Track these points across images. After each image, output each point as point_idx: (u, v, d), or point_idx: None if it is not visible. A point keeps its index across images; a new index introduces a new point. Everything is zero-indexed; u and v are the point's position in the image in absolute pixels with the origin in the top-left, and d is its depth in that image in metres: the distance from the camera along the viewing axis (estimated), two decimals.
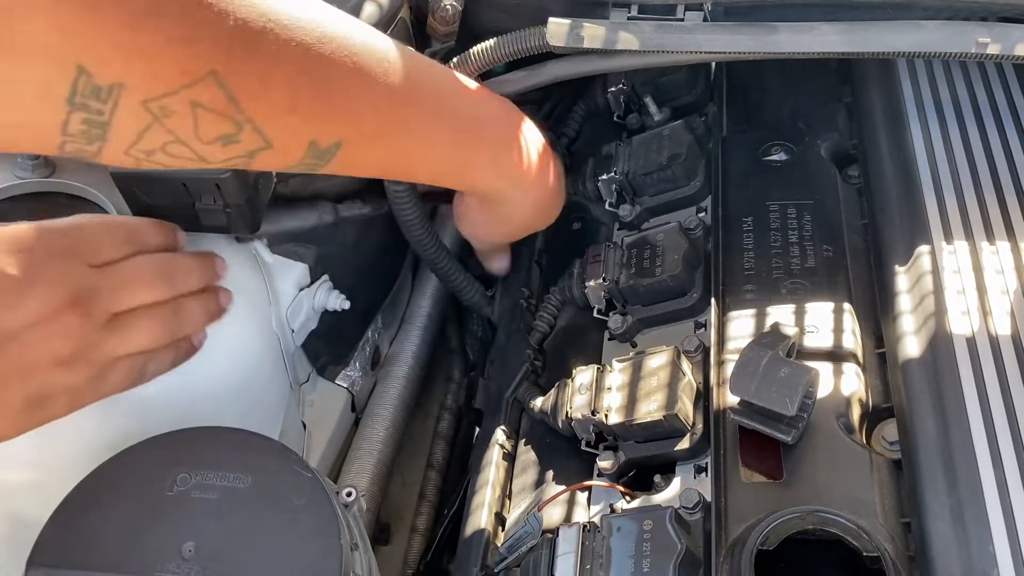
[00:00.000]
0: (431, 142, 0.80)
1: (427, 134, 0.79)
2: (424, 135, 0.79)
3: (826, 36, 0.80)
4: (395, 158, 0.79)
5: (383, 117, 0.73)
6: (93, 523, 0.69)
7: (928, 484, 0.69)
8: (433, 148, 0.81)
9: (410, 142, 0.78)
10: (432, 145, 0.81)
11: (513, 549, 0.84)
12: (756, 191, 0.96)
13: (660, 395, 0.82)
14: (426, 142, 0.80)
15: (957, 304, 0.77)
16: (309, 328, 1.04)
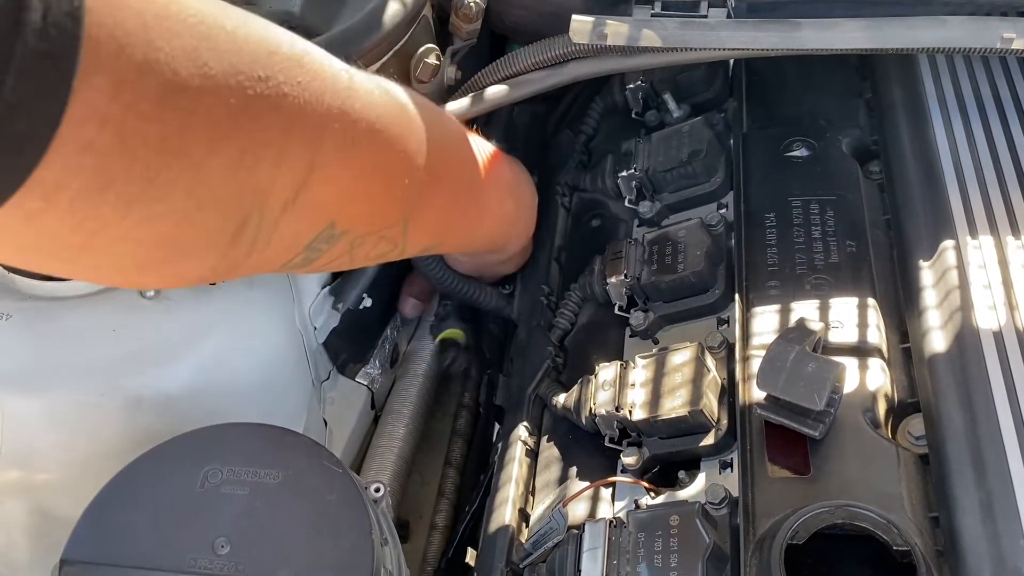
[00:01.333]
0: (470, 223, 0.93)
1: (469, 219, 0.92)
2: (467, 222, 0.92)
3: (850, 32, 0.80)
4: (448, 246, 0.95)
5: (465, 218, 0.89)
6: (125, 519, 0.70)
7: (957, 478, 0.69)
8: (472, 227, 0.94)
9: (460, 230, 0.91)
10: (470, 224, 0.93)
11: (538, 545, 0.85)
12: (778, 187, 0.96)
13: (685, 391, 0.82)
14: (466, 224, 0.92)
15: (983, 299, 0.77)
16: (331, 326, 1.04)
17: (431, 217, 0.78)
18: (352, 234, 0.68)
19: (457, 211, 0.86)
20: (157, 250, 0.53)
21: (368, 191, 0.66)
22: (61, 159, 0.43)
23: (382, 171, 0.67)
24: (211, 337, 0.88)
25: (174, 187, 0.49)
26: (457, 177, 0.83)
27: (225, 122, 0.50)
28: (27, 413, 0.82)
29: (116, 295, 0.87)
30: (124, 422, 0.83)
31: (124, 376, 0.83)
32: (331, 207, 0.63)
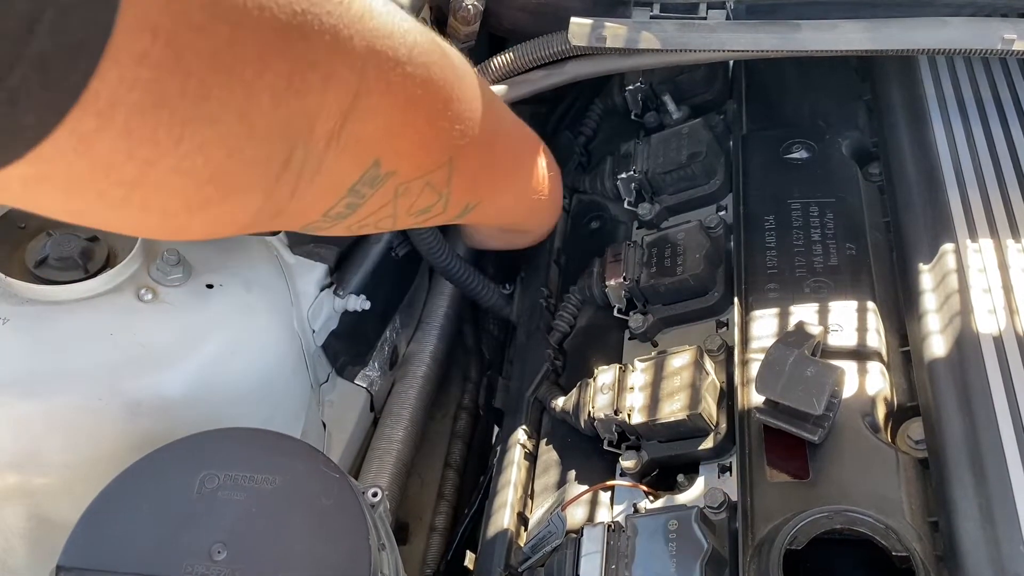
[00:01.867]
0: (507, 189, 0.92)
1: (509, 183, 0.91)
2: (507, 185, 0.91)
3: (850, 34, 0.79)
4: (490, 211, 0.90)
5: (505, 180, 0.88)
6: (122, 525, 0.70)
7: (956, 483, 0.69)
8: (506, 192, 0.92)
9: (499, 194, 0.90)
10: (506, 190, 0.92)
11: (537, 549, 0.84)
12: (777, 189, 0.95)
13: (683, 394, 0.82)
14: (504, 190, 0.91)
15: (983, 302, 0.77)
16: (329, 328, 1.04)
17: (473, 167, 0.77)
18: (397, 178, 0.67)
19: (498, 169, 0.86)
20: (207, 186, 0.53)
21: (412, 125, 0.65)
22: (116, 70, 0.43)
23: (425, 105, 0.66)
24: (209, 341, 0.88)
25: (226, 108, 0.49)
26: (496, 130, 0.82)
27: (273, 38, 0.50)
28: (25, 417, 0.81)
29: (114, 299, 0.87)
30: (122, 426, 0.83)
31: (122, 380, 0.83)
32: (375, 143, 0.63)
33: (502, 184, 0.90)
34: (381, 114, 0.62)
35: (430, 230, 1.05)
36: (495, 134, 0.82)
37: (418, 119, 0.66)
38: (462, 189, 0.77)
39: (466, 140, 0.72)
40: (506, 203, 0.94)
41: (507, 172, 0.90)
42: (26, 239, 0.90)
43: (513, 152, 0.90)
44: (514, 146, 0.91)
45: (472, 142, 0.73)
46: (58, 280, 0.87)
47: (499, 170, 0.87)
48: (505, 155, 0.88)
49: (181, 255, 0.89)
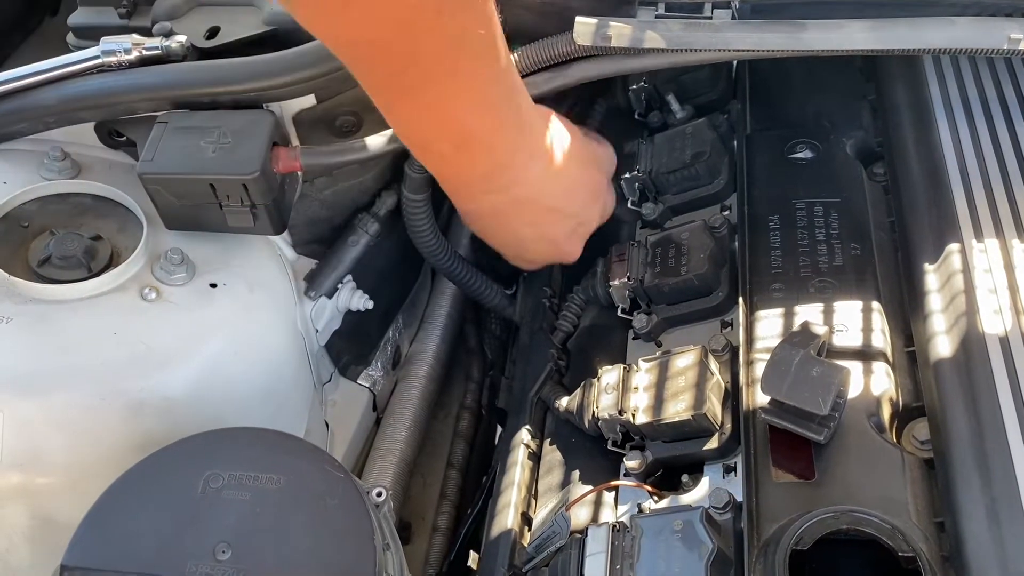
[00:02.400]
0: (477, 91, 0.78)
1: (476, 85, 0.77)
2: (472, 85, 0.77)
3: (856, 34, 0.79)
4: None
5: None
6: (126, 524, 0.70)
7: (962, 483, 0.69)
8: (479, 99, 0.79)
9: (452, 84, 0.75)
10: (478, 94, 0.78)
11: (541, 549, 0.84)
12: (782, 189, 0.95)
13: (688, 395, 0.81)
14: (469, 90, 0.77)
15: (989, 303, 0.77)
16: (333, 328, 1.04)
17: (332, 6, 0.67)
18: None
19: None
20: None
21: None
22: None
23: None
24: (213, 340, 0.88)
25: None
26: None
27: None
28: (28, 417, 0.81)
29: (118, 298, 0.87)
30: (125, 426, 0.83)
31: (125, 380, 0.83)
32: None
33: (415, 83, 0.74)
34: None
35: (431, 231, 1.05)
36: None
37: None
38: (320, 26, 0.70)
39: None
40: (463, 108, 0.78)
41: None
42: (29, 238, 0.90)
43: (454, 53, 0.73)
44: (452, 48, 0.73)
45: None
46: (61, 279, 0.87)
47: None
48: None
49: (185, 254, 0.89)
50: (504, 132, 0.84)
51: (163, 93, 0.91)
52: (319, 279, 1.01)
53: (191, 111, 0.91)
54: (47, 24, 1.43)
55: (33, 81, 0.92)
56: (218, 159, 0.86)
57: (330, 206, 1.00)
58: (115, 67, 0.92)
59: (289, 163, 0.89)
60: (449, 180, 0.91)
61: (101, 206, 0.94)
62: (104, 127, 0.98)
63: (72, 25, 1.06)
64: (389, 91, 0.77)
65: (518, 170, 0.88)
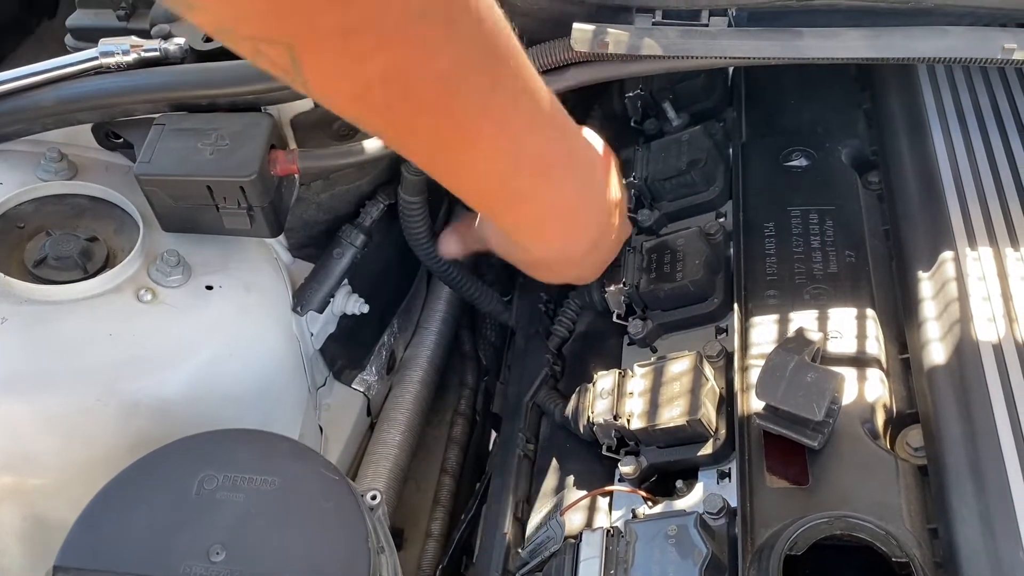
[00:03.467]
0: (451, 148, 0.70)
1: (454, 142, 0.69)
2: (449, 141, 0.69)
3: (851, 42, 0.80)
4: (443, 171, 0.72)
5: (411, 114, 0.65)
6: (119, 525, 0.69)
7: (956, 490, 0.69)
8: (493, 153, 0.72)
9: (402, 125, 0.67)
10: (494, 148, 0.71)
11: (535, 554, 0.84)
12: (777, 196, 0.96)
13: (683, 400, 0.82)
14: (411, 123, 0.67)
15: (982, 311, 0.77)
16: (328, 332, 1.04)
17: (331, 64, 0.59)
18: (207, 16, 0.57)
19: (398, 87, 0.61)
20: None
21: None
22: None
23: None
24: (208, 343, 0.88)
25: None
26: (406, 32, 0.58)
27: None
28: (22, 418, 0.81)
29: (113, 300, 0.86)
30: (120, 427, 0.83)
31: (120, 381, 0.83)
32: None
33: (439, 133, 0.67)
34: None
35: (428, 235, 1.05)
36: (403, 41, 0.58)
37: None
38: (321, 82, 0.61)
39: (315, 25, 0.56)
40: (468, 173, 0.72)
41: (416, 95, 0.63)
42: (25, 239, 0.90)
43: (488, 110, 0.66)
44: (498, 106, 0.67)
45: (329, 26, 0.56)
46: (57, 280, 0.87)
47: (400, 88, 0.61)
48: (418, 64, 0.61)
49: (181, 256, 0.89)
50: (568, 141, 0.78)
51: (161, 95, 0.91)
52: (307, 295, 0.99)
53: (189, 113, 0.91)
54: (44, 26, 1.43)
55: (31, 82, 0.92)
56: (215, 161, 0.86)
57: (327, 210, 1.00)
58: (113, 69, 0.92)
59: (286, 166, 0.89)
60: (553, 223, 0.82)
61: (98, 207, 0.94)
62: (101, 129, 0.98)
63: (70, 27, 1.07)
64: (441, 141, 0.69)
65: (600, 176, 0.83)
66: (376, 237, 1.05)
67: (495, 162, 0.71)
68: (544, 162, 0.75)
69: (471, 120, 0.67)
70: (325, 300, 1.00)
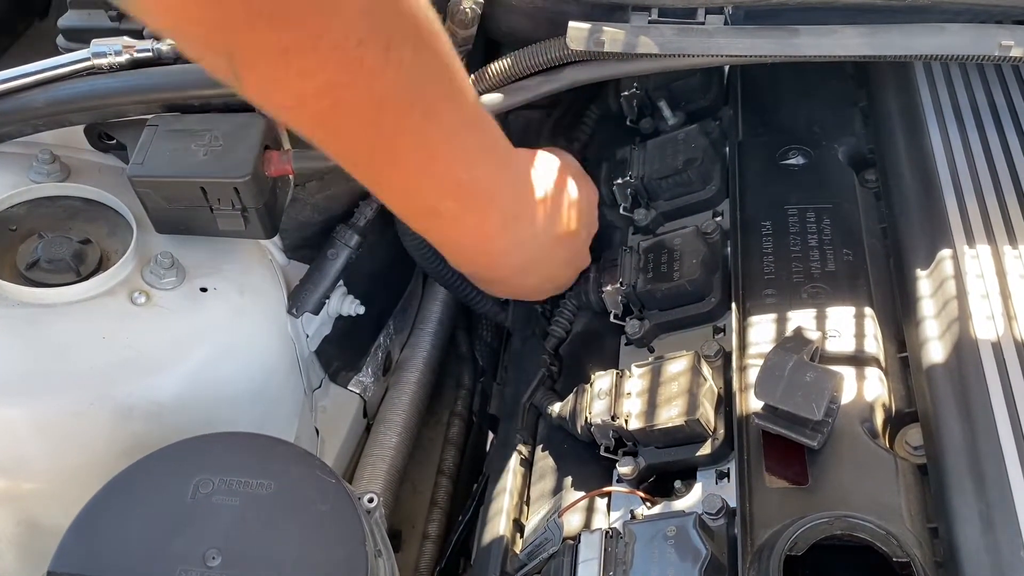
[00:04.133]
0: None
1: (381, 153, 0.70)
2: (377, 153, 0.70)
3: (848, 39, 0.80)
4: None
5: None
6: (114, 530, 0.69)
7: (956, 489, 0.68)
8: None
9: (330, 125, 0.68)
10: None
11: (533, 556, 0.84)
12: (774, 195, 0.95)
13: (681, 400, 0.81)
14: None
15: (981, 308, 0.77)
16: (323, 333, 1.03)
17: (268, 76, 0.59)
18: (165, 30, 0.60)
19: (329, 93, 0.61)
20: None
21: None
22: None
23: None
24: (202, 345, 0.87)
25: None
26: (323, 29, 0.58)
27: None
28: (14, 422, 0.80)
29: (107, 302, 0.86)
30: (113, 431, 0.82)
31: (114, 384, 0.82)
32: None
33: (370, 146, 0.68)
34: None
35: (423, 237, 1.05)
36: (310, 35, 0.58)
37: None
38: (258, 90, 0.62)
39: (260, 48, 0.57)
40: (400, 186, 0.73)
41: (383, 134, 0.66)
42: (17, 241, 0.89)
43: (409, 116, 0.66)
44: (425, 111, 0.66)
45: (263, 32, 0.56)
46: (50, 283, 0.86)
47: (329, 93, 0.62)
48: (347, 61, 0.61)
49: (175, 258, 0.88)
50: (500, 173, 0.80)
51: (154, 96, 0.90)
52: (302, 296, 0.98)
53: (182, 114, 0.90)
54: (35, 28, 1.42)
55: (22, 83, 0.91)
56: (209, 162, 0.85)
57: (322, 211, 1.00)
58: (105, 69, 0.91)
59: (281, 167, 0.88)
60: (467, 240, 0.84)
61: (90, 209, 0.93)
62: (94, 130, 0.97)
63: (62, 27, 1.06)
64: (369, 156, 0.71)
65: (530, 213, 0.85)
66: (371, 238, 1.04)
67: (419, 182, 0.73)
68: (468, 190, 0.77)
69: (400, 140, 0.68)
70: (320, 301, 1.00)
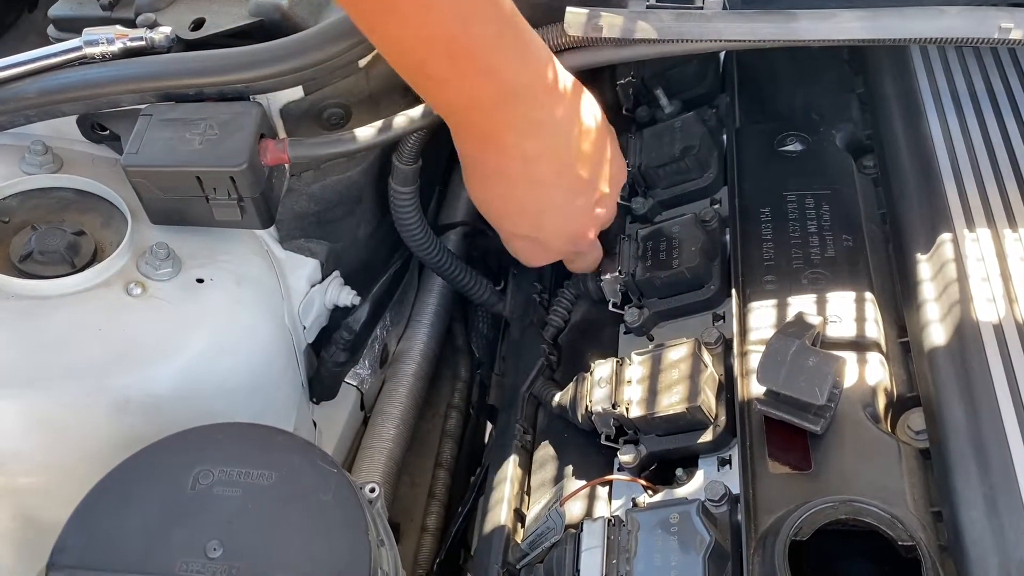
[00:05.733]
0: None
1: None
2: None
3: (847, 23, 0.79)
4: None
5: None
6: (113, 523, 0.68)
7: (959, 472, 0.68)
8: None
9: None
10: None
11: (535, 545, 0.83)
12: (772, 182, 0.95)
13: (682, 387, 0.81)
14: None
15: (982, 291, 0.77)
16: (320, 324, 1.02)
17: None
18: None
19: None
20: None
21: None
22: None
23: None
24: (199, 336, 0.86)
25: None
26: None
27: None
28: (10, 415, 0.80)
29: (102, 294, 0.85)
30: (111, 424, 0.81)
31: (111, 376, 0.82)
32: None
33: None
34: None
35: (420, 225, 1.04)
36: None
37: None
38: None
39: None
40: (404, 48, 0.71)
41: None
42: (11, 233, 0.88)
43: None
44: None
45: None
46: (44, 275, 0.85)
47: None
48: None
49: (170, 249, 0.88)
50: (503, 50, 0.74)
51: (147, 85, 0.89)
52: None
53: (176, 103, 0.89)
54: (24, 20, 1.40)
55: (12, 73, 0.90)
56: (204, 151, 0.84)
57: (318, 200, 0.99)
58: (98, 59, 0.90)
59: (277, 155, 0.88)
60: (460, 112, 0.79)
61: (84, 201, 0.92)
62: (87, 120, 0.96)
63: (53, 17, 1.04)
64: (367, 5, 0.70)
65: (539, 102, 0.78)
66: (367, 228, 1.04)
67: (413, 31, 0.70)
68: (462, 49, 0.72)
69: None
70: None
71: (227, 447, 0.71)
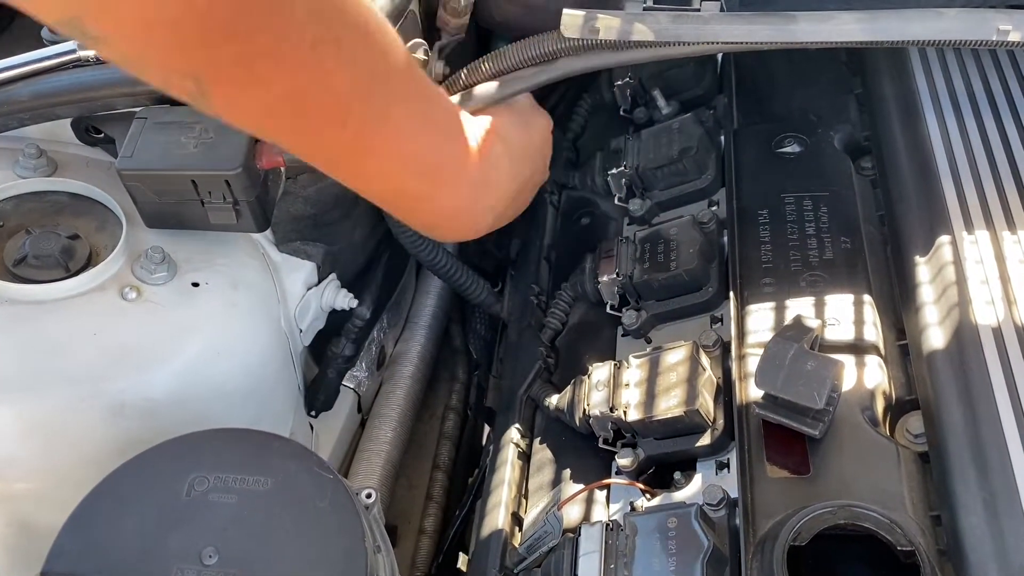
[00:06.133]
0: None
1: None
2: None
3: (845, 25, 0.79)
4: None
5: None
6: (108, 530, 0.68)
7: (958, 477, 0.68)
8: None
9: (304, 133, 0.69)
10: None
11: (533, 549, 0.83)
12: (770, 183, 0.95)
13: (680, 391, 0.81)
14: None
15: (981, 294, 0.76)
16: (317, 328, 1.02)
17: (235, 90, 0.61)
18: (110, 49, 0.58)
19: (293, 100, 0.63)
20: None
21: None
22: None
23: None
24: (195, 340, 0.86)
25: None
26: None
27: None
28: (5, 420, 0.79)
29: (97, 298, 0.84)
30: (106, 428, 0.81)
31: (105, 381, 0.81)
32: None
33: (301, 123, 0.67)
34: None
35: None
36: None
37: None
38: (237, 114, 0.64)
39: (224, 63, 0.58)
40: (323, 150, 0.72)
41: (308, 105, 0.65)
42: (5, 237, 0.88)
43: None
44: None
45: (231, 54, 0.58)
46: (38, 279, 0.85)
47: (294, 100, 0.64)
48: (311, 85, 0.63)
49: (166, 253, 0.87)
50: (466, 148, 0.80)
51: (142, 88, 0.88)
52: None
53: (171, 106, 0.89)
54: (18, 23, 1.39)
55: (6, 76, 0.89)
56: (200, 155, 0.84)
57: (314, 203, 0.99)
58: (92, 62, 0.90)
59: (272, 159, 0.87)
60: (448, 217, 0.83)
61: (78, 204, 0.92)
62: (81, 123, 0.96)
63: None
64: (338, 152, 0.72)
65: (500, 171, 0.83)
66: (363, 230, 1.03)
67: (391, 167, 0.74)
68: (435, 166, 0.78)
69: (367, 132, 0.70)
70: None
71: (223, 453, 0.71)
